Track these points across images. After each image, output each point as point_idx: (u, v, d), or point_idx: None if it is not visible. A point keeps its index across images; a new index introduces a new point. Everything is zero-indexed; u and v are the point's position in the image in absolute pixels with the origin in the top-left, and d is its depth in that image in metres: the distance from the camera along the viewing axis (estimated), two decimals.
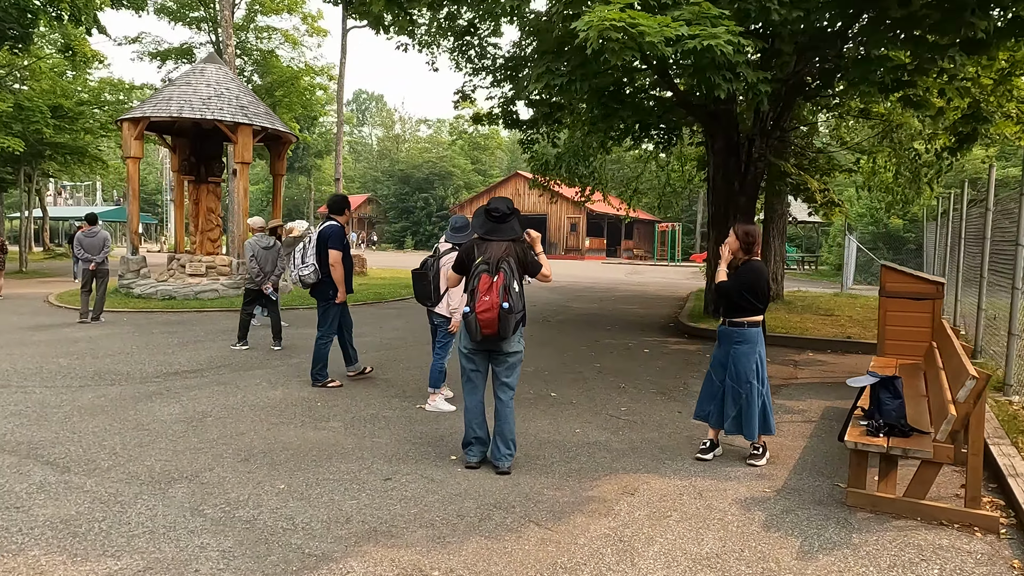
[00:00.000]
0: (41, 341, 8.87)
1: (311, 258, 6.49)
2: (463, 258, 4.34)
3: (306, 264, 6.50)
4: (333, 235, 6.48)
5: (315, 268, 6.47)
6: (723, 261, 4.57)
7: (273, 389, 6.45)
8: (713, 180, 11.09)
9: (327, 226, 6.57)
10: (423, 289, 5.97)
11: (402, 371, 7.49)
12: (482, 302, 4.12)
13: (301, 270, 6.50)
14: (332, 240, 6.45)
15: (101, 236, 10.83)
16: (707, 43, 5.00)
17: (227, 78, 15.38)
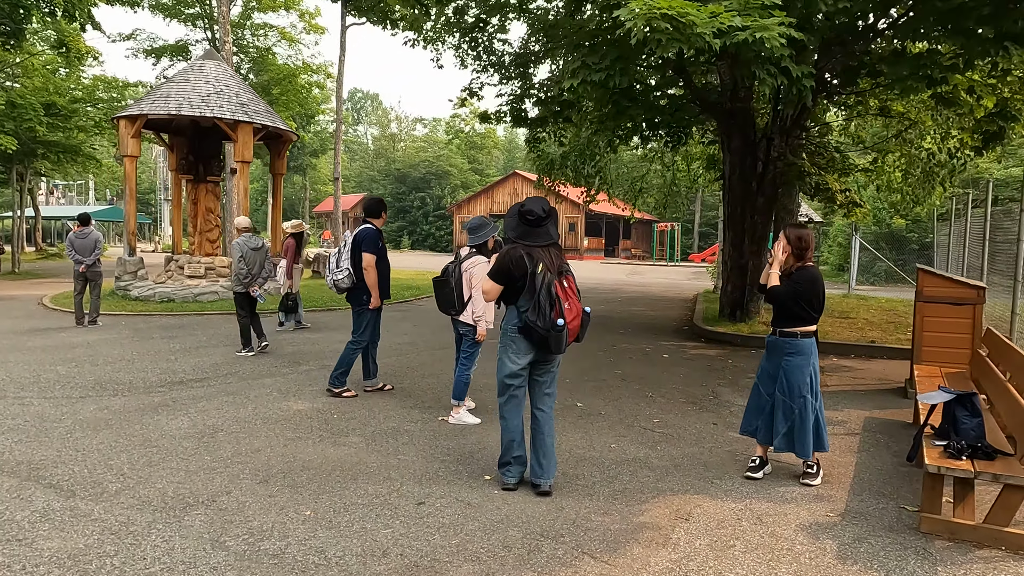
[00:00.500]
0: (37, 347, 8.51)
1: (345, 262, 6.19)
2: (509, 268, 4.00)
3: (340, 268, 6.20)
4: (367, 238, 6.16)
5: (349, 272, 6.16)
6: (775, 265, 4.26)
7: (285, 400, 6.12)
8: (729, 180, 10.82)
9: (361, 229, 6.26)
10: (446, 297, 5.68)
11: (417, 379, 7.17)
12: (568, 310, 3.86)
13: (335, 274, 6.20)
14: (367, 243, 6.14)
15: (93, 237, 10.46)
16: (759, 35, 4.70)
17: (226, 75, 15.02)
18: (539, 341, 3.93)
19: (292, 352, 8.52)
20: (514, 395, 4.09)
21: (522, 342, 4.00)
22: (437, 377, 7.28)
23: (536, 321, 3.89)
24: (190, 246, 15.61)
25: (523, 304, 4.00)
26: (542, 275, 3.94)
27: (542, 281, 3.93)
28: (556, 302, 3.90)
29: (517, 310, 4.02)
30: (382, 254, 6.27)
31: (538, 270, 3.95)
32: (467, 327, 5.67)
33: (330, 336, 9.91)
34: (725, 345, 9.86)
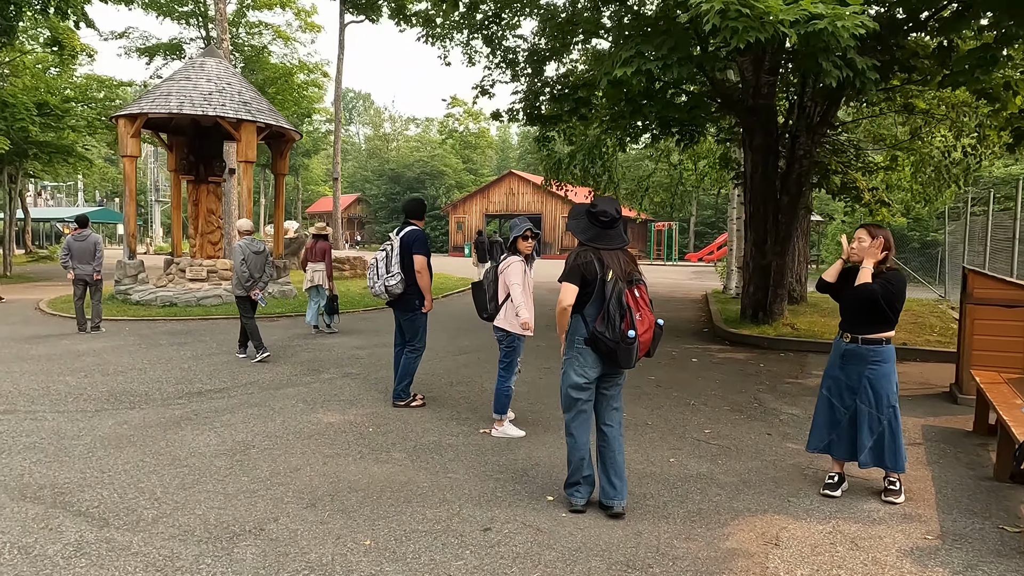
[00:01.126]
0: (41, 355, 8.14)
1: (396, 266, 5.85)
2: (581, 271, 3.71)
3: (391, 273, 5.84)
4: (417, 240, 5.89)
5: (402, 277, 5.82)
6: (868, 260, 3.95)
7: (313, 412, 5.80)
8: (750, 179, 10.58)
9: (409, 231, 5.94)
10: (478, 300, 5.41)
11: (445, 388, 6.87)
12: (640, 322, 3.58)
13: (387, 280, 5.84)
14: (416, 245, 5.86)
15: (92, 240, 10.07)
16: (838, 24, 4.44)
17: (228, 72, 14.64)
18: (607, 354, 3.65)
19: (310, 359, 8.20)
20: (582, 410, 3.81)
21: (589, 355, 3.72)
22: (467, 385, 6.98)
23: (604, 332, 3.62)
24: (191, 248, 15.22)
25: (590, 313, 3.72)
26: (612, 283, 3.66)
27: (612, 289, 3.65)
28: (627, 312, 3.63)
29: (583, 320, 3.74)
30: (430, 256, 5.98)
31: (608, 277, 3.67)
32: (501, 332, 5.37)
33: (345, 341, 9.58)
34: (752, 348, 9.62)
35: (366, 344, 9.38)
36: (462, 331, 10.77)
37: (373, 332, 10.55)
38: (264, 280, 8.38)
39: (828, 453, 4.21)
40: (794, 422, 5.83)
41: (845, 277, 4.18)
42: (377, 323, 11.63)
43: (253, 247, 8.26)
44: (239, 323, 8.40)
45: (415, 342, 6.10)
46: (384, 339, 9.80)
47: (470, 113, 64.04)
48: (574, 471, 3.83)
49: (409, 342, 6.10)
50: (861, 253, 4.00)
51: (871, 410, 3.98)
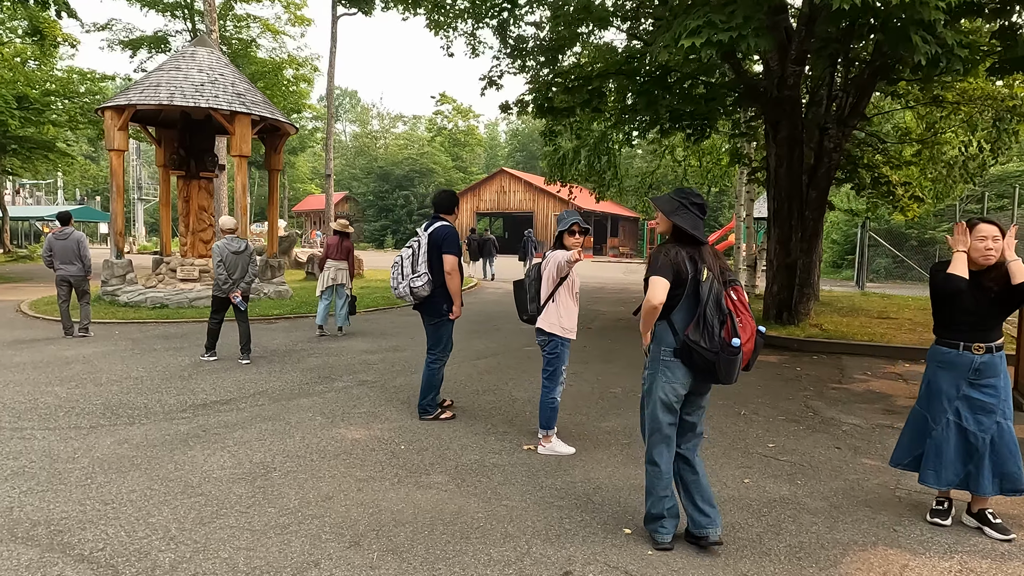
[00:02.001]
0: (26, 363, 7.50)
1: (423, 266, 5.30)
2: (680, 265, 3.20)
3: (418, 273, 5.30)
4: (448, 237, 5.31)
5: (429, 278, 5.28)
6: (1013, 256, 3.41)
7: (334, 426, 5.26)
8: (775, 173, 10.14)
9: (439, 227, 5.37)
10: (519, 299, 4.91)
11: (472, 397, 6.34)
12: (743, 328, 3.08)
13: (412, 281, 5.30)
14: (447, 243, 5.28)
15: (75, 238, 9.42)
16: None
17: (220, 63, 13.98)
18: (703, 367, 3.14)
19: (319, 365, 7.63)
20: (667, 435, 3.29)
21: (679, 368, 3.21)
22: (494, 394, 6.46)
23: (700, 341, 3.11)
24: (181, 247, 14.55)
25: (680, 320, 3.21)
26: (708, 283, 3.16)
27: (709, 291, 3.15)
28: (727, 317, 3.13)
29: (671, 327, 3.23)
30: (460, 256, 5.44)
31: (703, 277, 3.17)
32: (544, 336, 4.84)
33: (352, 345, 9.01)
34: (781, 350, 9.18)
35: (376, 348, 8.82)
36: (475, 333, 10.24)
37: (380, 335, 9.99)
38: (246, 282, 7.90)
39: (966, 489, 3.60)
40: (858, 433, 5.38)
41: None
42: (381, 324, 11.06)
43: (232, 246, 7.77)
44: (234, 325, 7.91)
45: (437, 350, 5.56)
46: (394, 342, 9.25)
47: (459, 110, 63.45)
48: (656, 503, 3.31)
49: (431, 350, 5.58)
50: (996, 251, 3.44)
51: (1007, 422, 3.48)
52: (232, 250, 7.78)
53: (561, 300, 4.76)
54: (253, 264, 8.01)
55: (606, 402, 6.25)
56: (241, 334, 8.04)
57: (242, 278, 7.86)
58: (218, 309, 7.94)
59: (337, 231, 10.38)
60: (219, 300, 7.89)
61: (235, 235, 7.97)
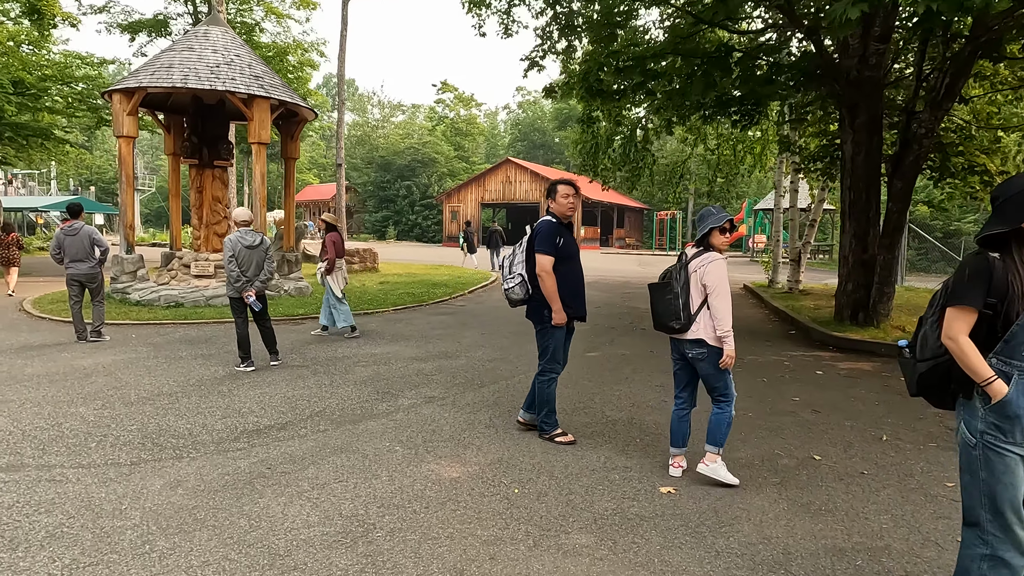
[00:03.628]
0: (40, 376, 6.63)
1: (519, 266, 4.64)
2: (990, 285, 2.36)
3: (512, 274, 4.66)
4: (541, 233, 4.59)
5: (522, 280, 4.64)
6: None
7: (420, 460, 4.42)
8: (852, 161, 9.32)
9: (541, 221, 4.68)
10: (667, 307, 4.08)
11: (562, 416, 5.51)
12: None
13: (507, 281, 4.68)
14: (540, 240, 4.56)
15: (85, 232, 8.54)
16: None
17: (236, 43, 13.04)
18: None
19: (371, 377, 6.78)
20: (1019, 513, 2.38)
21: None
22: (584, 413, 5.63)
23: None
24: (193, 241, 13.65)
25: (1018, 352, 2.35)
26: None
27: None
28: None
29: (1006, 364, 2.38)
30: (566, 253, 4.60)
31: None
32: (702, 349, 4.04)
33: (396, 351, 8.16)
34: (868, 356, 8.39)
35: (424, 354, 7.98)
36: (523, 336, 9.40)
37: (421, 338, 9.14)
38: (261, 280, 7.09)
39: None
40: None
41: None
42: (417, 325, 10.20)
43: (246, 240, 6.97)
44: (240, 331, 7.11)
45: (543, 361, 4.83)
46: (441, 347, 8.40)
47: (461, 99, 62.34)
48: None
49: (540, 360, 4.86)
50: None
51: None
52: (246, 244, 6.95)
53: (722, 307, 3.99)
54: (269, 260, 7.18)
55: None
56: (263, 335, 7.28)
57: (256, 276, 7.04)
58: (239, 311, 7.12)
59: (330, 224, 9.31)
60: (236, 301, 7.08)
61: (250, 228, 7.13)
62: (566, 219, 4.71)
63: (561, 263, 4.58)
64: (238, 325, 7.03)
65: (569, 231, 4.72)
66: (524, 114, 71.34)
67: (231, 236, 6.93)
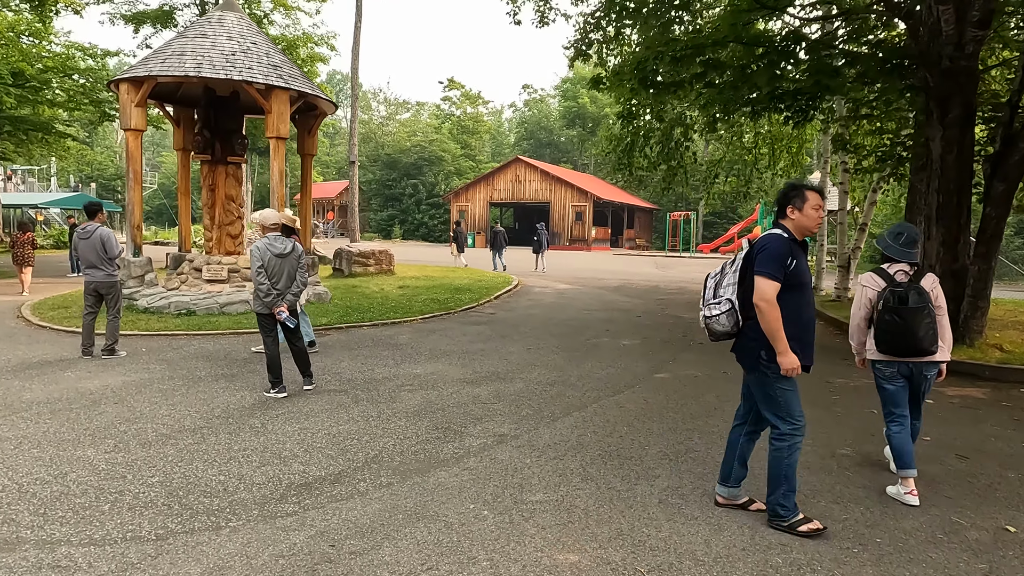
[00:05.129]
0: (40, 403, 5.72)
1: (728, 289, 3.55)
2: None
3: (717, 298, 3.59)
4: (766, 250, 3.43)
5: (732, 307, 3.51)
6: None
7: (525, 537, 3.50)
8: (940, 161, 8.41)
9: (765, 235, 3.55)
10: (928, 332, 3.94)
11: (665, 460, 4.60)
12: None
13: (709, 308, 3.60)
14: (764, 260, 3.42)
15: (97, 235, 7.64)
16: None
17: (252, 30, 12.12)
18: None
19: (422, 406, 5.86)
20: None
21: None
22: (692, 458, 4.71)
23: None
24: (205, 243, 12.73)
25: None
26: None
27: None
28: None
29: None
30: (797, 281, 3.46)
31: None
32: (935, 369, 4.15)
33: (440, 371, 7.25)
34: (969, 379, 7.46)
35: (473, 376, 7.06)
36: (573, 351, 8.50)
37: (461, 354, 8.23)
38: (293, 293, 6.17)
39: None
40: None
41: None
42: (453, 339, 9.28)
43: (275, 247, 6.05)
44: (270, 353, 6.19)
45: (779, 422, 3.56)
46: (488, 366, 7.47)
47: (468, 96, 61.39)
48: None
49: (774, 416, 3.59)
50: None
51: None
52: (276, 252, 6.04)
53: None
54: (302, 270, 6.26)
55: (852, 471, 4.51)
56: (296, 355, 6.35)
57: (288, 288, 6.12)
58: (268, 328, 6.17)
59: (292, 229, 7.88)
60: (265, 317, 6.13)
61: (278, 234, 6.21)
62: (805, 236, 3.61)
63: (788, 292, 3.42)
64: (267, 345, 6.12)
65: (804, 252, 3.62)
66: (530, 112, 70.38)
67: (258, 243, 6.02)
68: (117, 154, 66.16)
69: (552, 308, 13.00)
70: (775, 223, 3.63)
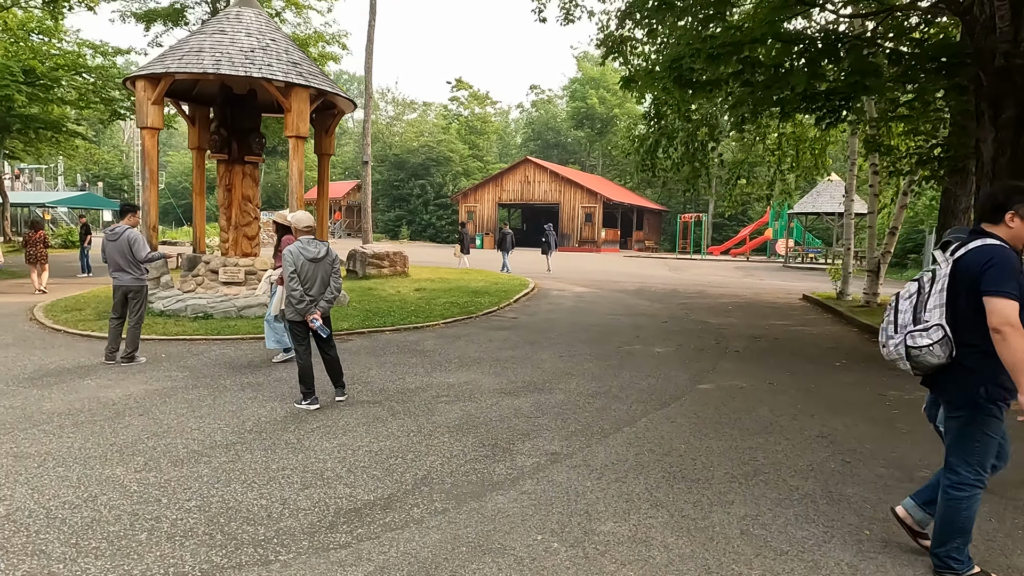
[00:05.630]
0: (61, 414, 5.43)
1: (936, 312, 3.06)
2: None
3: (924, 325, 3.08)
4: (995, 265, 2.93)
5: (945, 335, 3.02)
6: None
7: (600, 573, 3.20)
8: (992, 164, 8.06)
9: (978, 247, 3.03)
10: None
11: (735, 485, 4.27)
12: None
13: (913, 337, 3.09)
14: (994, 276, 2.92)
15: (125, 238, 7.34)
16: None
17: (271, 27, 11.84)
18: None
19: (462, 420, 5.55)
20: None
21: None
22: (764, 481, 4.39)
23: None
24: (222, 244, 12.44)
25: None
26: None
27: None
28: None
29: None
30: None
31: None
32: None
33: (475, 381, 6.93)
34: None
35: (509, 386, 6.75)
36: (604, 358, 8.17)
37: (493, 362, 7.92)
38: (327, 299, 5.86)
39: None
40: None
41: None
42: (479, 345, 8.96)
43: (309, 251, 5.74)
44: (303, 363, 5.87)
45: (960, 466, 3.13)
46: (523, 375, 7.14)
47: (476, 97, 61.12)
48: None
49: (952, 466, 3.16)
50: None
51: None
52: (309, 256, 5.73)
53: None
54: (336, 275, 5.95)
55: None
56: (328, 364, 6.04)
57: (322, 294, 5.81)
58: (300, 337, 5.85)
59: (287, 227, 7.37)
60: (298, 325, 5.82)
61: (311, 237, 5.91)
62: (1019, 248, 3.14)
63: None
64: (300, 354, 5.82)
65: None
66: (537, 113, 70.06)
67: (291, 247, 5.71)
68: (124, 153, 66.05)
69: (575, 313, 12.68)
70: (978, 231, 3.12)
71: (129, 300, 7.44)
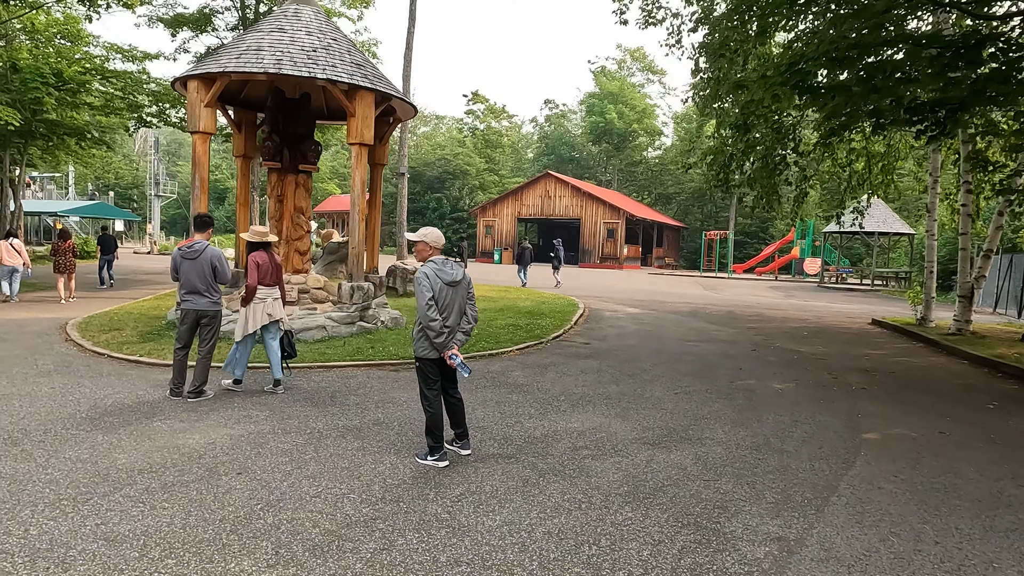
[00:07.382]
0: (141, 470, 4.43)
1: None
2: None
3: None
4: None
5: None
6: None
7: None
8: None
9: None
10: None
11: None
12: None
13: None
14: None
15: (207, 257, 6.38)
16: None
17: (331, 26, 10.98)
18: None
19: (622, 482, 4.55)
20: None
21: None
22: None
23: None
24: None
25: None
26: None
27: None
28: None
29: None
30: None
31: None
32: None
33: (603, 424, 5.94)
34: None
35: (647, 434, 5.76)
36: (729, 397, 7.17)
37: (605, 401, 6.93)
38: (465, 329, 4.92)
39: None
40: None
41: None
42: (572, 376, 7.97)
43: (446, 274, 4.80)
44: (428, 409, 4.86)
45: None
46: (652, 420, 6.14)
47: (492, 110, 60.53)
48: None
49: None
50: None
51: None
52: (447, 280, 4.78)
53: None
54: (471, 302, 4.99)
55: None
56: (451, 409, 5.08)
57: (458, 324, 4.85)
58: (432, 379, 4.84)
59: (256, 243, 6.86)
60: (430, 364, 4.82)
61: (445, 258, 4.95)
62: None
63: None
64: (429, 400, 4.82)
65: None
66: (551, 127, 69.48)
67: (426, 270, 4.75)
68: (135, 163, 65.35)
69: (646, 338, 11.71)
70: None
71: (202, 326, 6.49)
